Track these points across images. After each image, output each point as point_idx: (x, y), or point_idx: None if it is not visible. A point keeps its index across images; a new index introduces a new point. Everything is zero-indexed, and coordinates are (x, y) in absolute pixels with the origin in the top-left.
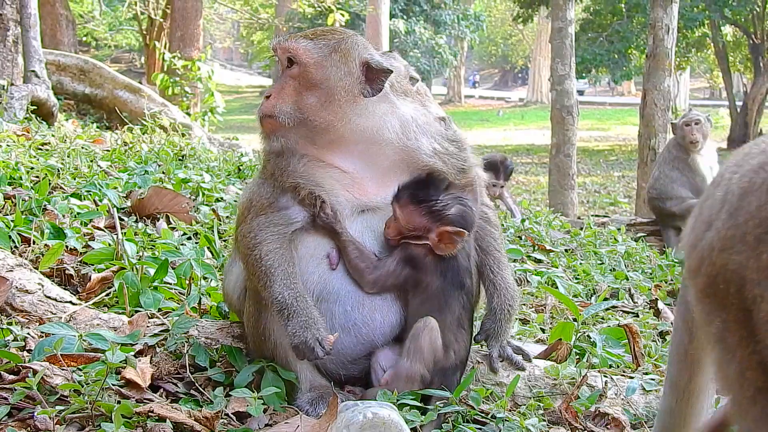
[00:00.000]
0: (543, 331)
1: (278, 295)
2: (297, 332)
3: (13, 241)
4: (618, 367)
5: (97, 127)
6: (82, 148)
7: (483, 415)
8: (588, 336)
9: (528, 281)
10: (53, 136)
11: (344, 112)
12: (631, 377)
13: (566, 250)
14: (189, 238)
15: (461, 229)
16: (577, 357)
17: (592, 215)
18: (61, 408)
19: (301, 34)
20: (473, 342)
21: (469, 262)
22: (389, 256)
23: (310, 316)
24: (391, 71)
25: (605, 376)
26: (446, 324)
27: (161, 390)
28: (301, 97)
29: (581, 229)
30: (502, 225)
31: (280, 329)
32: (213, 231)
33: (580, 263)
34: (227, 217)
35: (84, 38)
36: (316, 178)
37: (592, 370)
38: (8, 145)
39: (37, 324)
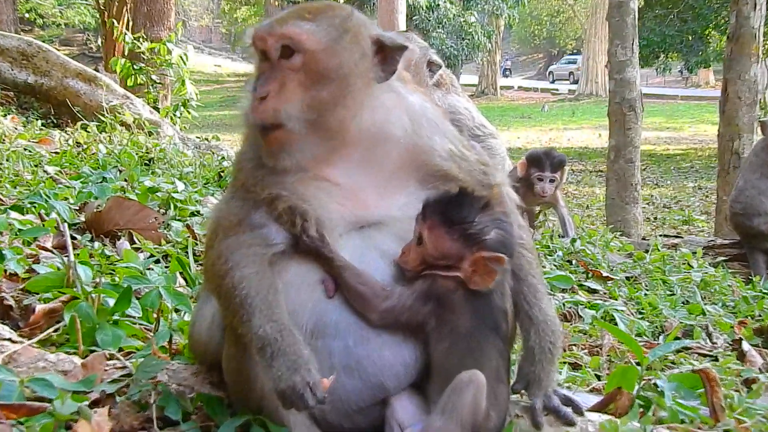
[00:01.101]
0: (598, 377)
1: (258, 329)
2: (282, 375)
3: None
4: (692, 422)
5: (43, 125)
6: (25, 149)
7: None
8: (654, 384)
9: (580, 316)
10: None
11: (358, 105)
12: None
13: (628, 278)
14: (157, 261)
15: (499, 255)
16: (641, 410)
17: (660, 235)
18: None
19: (294, 14)
20: (511, 392)
21: (503, 302)
22: (405, 287)
23: (299, 355)
24: (406, 47)
25: None
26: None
27: None
28: (309, 93)
29: (646, 251)
30: (548, 246)
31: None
32: (187, 252)
33: (645, 294)
34: (205, 235)
35: (26, 15)
36: (300, 190)
37: (660, 426)
38: None
39: None
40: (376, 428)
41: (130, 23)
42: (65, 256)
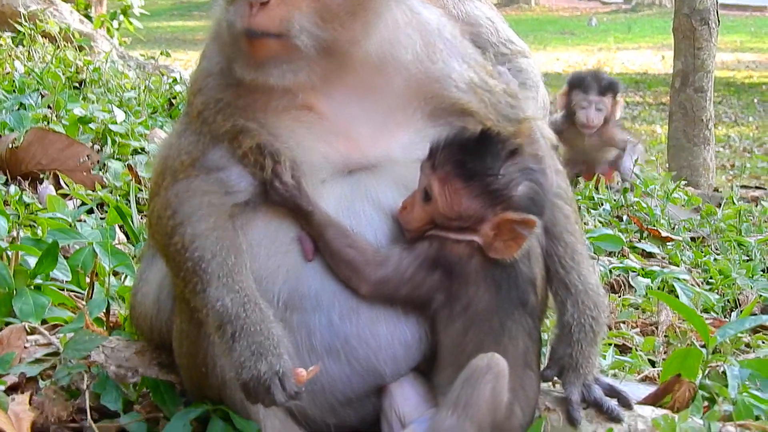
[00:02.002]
0: (652, 363)
1: (215, 302)
2: (245, 361)
3: None
4: None
5: None
6: None
7: None
8: (723, 372)
9: (631, 286)
10: None
11: (375, 19)
12: None
13: (693, 239)
14: (90, 211)
15: (529, 217)
16: (706, 404)
17: (737, 186)
18: None
19: None
20: (542, 379)
21: (531, 268)
22: (405, 250)
23: (266, 335)
24: None
25: None
26: (508, 363)
27: None
28: (321, 2)
29: (719, 206)
30: (591, 198)
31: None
32: (129, 200)
33: (715, 259)
34: (151, 178)
35: None
36: (274, 122)
37: (728, 423)
38: None
39: None
40: (369, 424)
41: None
42: None
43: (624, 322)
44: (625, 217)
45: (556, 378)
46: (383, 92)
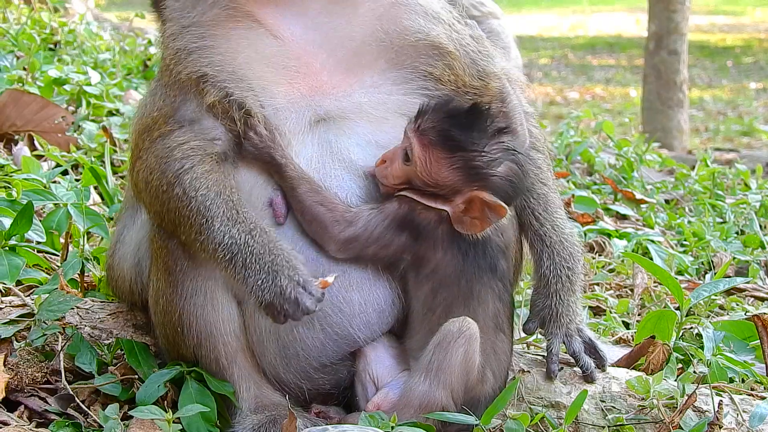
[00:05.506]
0: (627, 325)
1: (222, 236)
2: (263, 283)
3: None
4: (744, 381)
5: None
6: None
7: None
8: (698, 334)
9: (606, 247)
10: None
11: None
12: (763, 397)
13: (667, 201)
14: (65, 172)
15: (502, 204)
16: (680, 366)
17: (711, 148)
18: None
19: None
20: (528, 332)
21: (502, 236)
22: (374, 209)
23: (277, 254)
24: None
25: (720, 395)
26: (478, 326)
27: (21, 408)
28: None
29: (692, 168)
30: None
31: (205, 315)
32: (104, 162)
33: (689, 222)
34: (126, 140)
35: None
36: (236, 64)
37: (702, 385)
38: None
39: None
40: (343, 388)
41: None
42: None
43: (598, 284)
44: (597, 177)
45: (539, 331)
46: (348, 19)
